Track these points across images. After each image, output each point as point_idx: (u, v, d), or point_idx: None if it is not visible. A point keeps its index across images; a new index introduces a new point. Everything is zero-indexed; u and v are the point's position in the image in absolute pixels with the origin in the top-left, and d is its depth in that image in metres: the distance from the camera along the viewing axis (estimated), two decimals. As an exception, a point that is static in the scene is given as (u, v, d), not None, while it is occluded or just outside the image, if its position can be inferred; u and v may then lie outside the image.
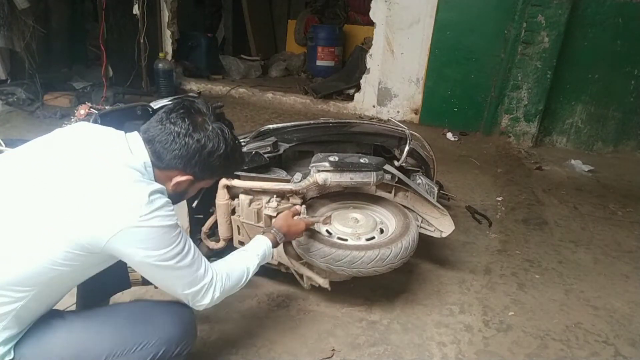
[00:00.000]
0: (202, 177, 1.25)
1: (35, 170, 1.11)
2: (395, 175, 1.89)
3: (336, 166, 1.76)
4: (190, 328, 1.33)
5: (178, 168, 1.19)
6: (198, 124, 1.18)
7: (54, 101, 4.48)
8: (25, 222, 1.06)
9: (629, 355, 1.81)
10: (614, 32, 3.94)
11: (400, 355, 1.74)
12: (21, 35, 4.44)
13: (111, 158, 1.13)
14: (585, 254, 2.52)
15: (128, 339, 1.19)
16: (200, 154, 1.18)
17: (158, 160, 1.18)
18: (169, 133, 1.16)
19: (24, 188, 1.09)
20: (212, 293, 1.25)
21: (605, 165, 3.91)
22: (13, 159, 1.16)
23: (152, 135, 1.17)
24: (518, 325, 1.93)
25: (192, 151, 1.17)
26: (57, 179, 1.08)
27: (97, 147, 1.15)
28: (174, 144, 1.16)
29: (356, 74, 5.32)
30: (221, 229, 1.93)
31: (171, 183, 1.21)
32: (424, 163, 2.28)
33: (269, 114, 5.08)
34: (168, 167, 1.19)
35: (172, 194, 1.24)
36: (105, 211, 1.05)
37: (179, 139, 1.15)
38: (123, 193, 1.08)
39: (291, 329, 1.84)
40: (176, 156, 1.17)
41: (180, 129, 1.15)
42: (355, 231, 1.87)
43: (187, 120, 1.17)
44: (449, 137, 4.40)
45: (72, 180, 1.08)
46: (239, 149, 1.30)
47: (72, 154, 1.13)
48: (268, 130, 2.13)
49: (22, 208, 1.07)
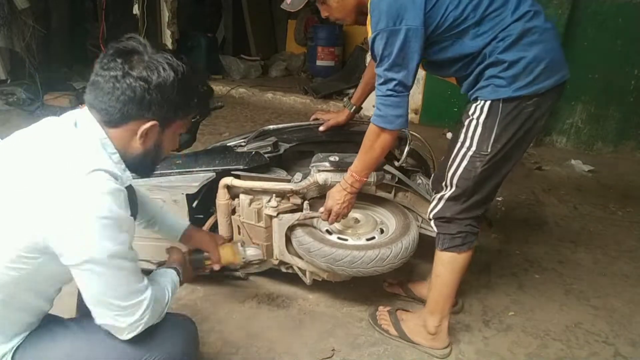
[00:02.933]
0: (167, 118, 1.10)
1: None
2: (395, 175, 1.89)
3: (336, 166, 1.77)
4: (194, 343, 1.31)
5: (134, 116, 1.05)
6: (134, 60, 1.04)
7: (54, 101, 4.48)
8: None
9: (629, 355, 1.81)
10: (614, 32, 3.93)
11: (400, 356, 1.74)
12: (21, 35, 4.44)
13: (53, 143, 1.03)
14: (585, 254, 2.52)
15: (131, 353, 1.13)
16: (148, 91, 1.03)
17: (109, 117, 1.05)
18: (107, 81, 1.02)
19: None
20: (143, 313, 1.09)
21: (605, 165, 3.90)
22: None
23: (92, 95, 1.05)
24: (518, 325, 1.93)
25: (139, 90, 1.02)
26: (5, 179, 1.02)
27: (44, 136, 1.07)
28: (116, 91, 1.02)
29: (356, 74, 5.31)
30: (221, 229, 1.93)
31: (137, 137, 1.08)
32: (424, 163, 2.28)
33: (269, 114, 5.08)
34: (123, 120, 1.05)
35: (146, 153, 1.12)
36: (41, 201, 0.96)
37: (119, 83, 1.01)
38: (57, 179, 0.97)
39: (291, 329, 1.84)
40: (124, 102, 1.03)
41: (117, 72, 1.02)
42: (355, 231, 1.87)
43: (120, 60, 1.02)
44: (449, 137, 4.39)
45: (16, 178, 1.01)
46: (194, 73, 1.13)
47: (21, 150, 1.06)
48: (268, 130, 2.13)
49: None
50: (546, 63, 1.38)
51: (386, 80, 1.43)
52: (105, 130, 1.07)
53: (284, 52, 6.97)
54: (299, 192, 1.83)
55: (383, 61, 1.41)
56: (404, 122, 1.48)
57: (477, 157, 1.48)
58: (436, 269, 1.67)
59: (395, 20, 1.34)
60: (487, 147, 1.46)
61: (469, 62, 1.46)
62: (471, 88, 1.50)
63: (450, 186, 1.56)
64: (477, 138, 1.47)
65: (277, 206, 1.83)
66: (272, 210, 1.82)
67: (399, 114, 1.46)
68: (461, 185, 1.53)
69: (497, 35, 1.38)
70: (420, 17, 1.35)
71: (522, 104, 1.41)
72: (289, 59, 6.63)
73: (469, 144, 1.49)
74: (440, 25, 1.39)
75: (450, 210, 1.58)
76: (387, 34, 1.36)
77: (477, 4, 1.37)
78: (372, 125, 1.51)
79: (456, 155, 1.53)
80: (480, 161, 1.48)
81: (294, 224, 1.81)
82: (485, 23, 1.38)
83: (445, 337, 1.73)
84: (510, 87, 1.39)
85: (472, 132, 1.48)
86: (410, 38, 1.36)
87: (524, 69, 1.37)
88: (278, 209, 1.83)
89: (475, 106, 1.47)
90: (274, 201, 1.83)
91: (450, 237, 1.60)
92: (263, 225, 1.86)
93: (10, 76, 4.60)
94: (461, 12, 1.37)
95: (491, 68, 1.41)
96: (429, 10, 1.36)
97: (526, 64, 1.37)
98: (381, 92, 1.46)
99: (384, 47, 1.38)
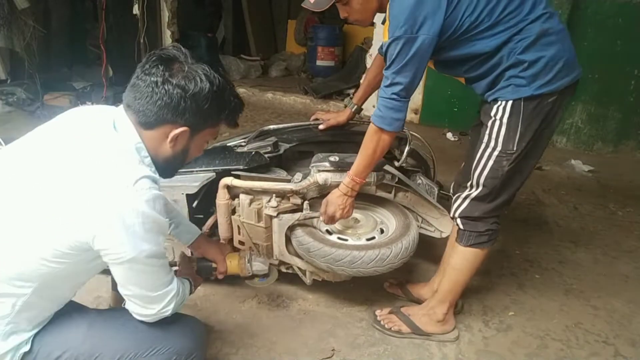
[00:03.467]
0: (197, 125, 1.16)
1: (28, 165, 1.09)
2: (395, 176, 1.89)
3: (337, 166, 1.76)
4: (202, 341, 1.35)
5: (168, 121, 1.11)
6: (174, 69, 1.10)
7: (54, 101, 4.48)
8: (17, 219, 1.05)
9: (629, 355, 1.81)
10: (614, 32, 3.94)
11: (400, 355, 1.74)
12: (21, 35, 4.43)
13: (95, 147, 1.08)
14: (585, 254, 2.52)
15: (142, 343, 1.20)
16: (184, 99, 1.09)
17: (145, 119, 1.11)
18: (147, 85, 1.08)
19: (17, 185, 1.07)
20: (169, 301, 1.20)
21: (605, 165, 3.91)
22: (9, 153, 1.15)
23: (131, 96, 1.11)
24: (518, 325, 1.93)
25: (176, 97, 1.09)
26: (46, 176, 1.06)
27: (83, 135, 1.11)
28: (154, 95, 1.08)
29: (356, 74, 5.31)
30: (221, 229, 1.93)
31: (168, 140, 1.14)
32: (424, 163, 2.28)
33: (269, 114, 5.08)
34: (158, 123, 1.11)
35: (174, 156, 1.19)
36: (88, 207, 1.02)
37: (158, 88, 1.08)
38: (104, 188, 1.03)
39: (291, 329, 1.84)
40: (161, 107, 1.09)
41: (157, 78, 1.08)
42: (355, 231, 1.87)
43: (162, 67, 1.09)
44: (449, 137, 4.41)
45: (58, 177, 1.05)
46: (228, 87, 1.19)
47: (60, 147, 1.10)
48: (268, 130, 2.13)
49: (15, 205, 1.06)
50: (564, 62, 1.44)
51: (392, 82, 1.47)
52: (139, 132, 1.13)
53: (284, 52, 6.97)
54: (299, 192, 1.83)
55: (394, 64, 1.45)
56: (400, 126, 1.54)
57: (504, 156, 1.53)
58: (456, 263, 1.73)
59: (413, 28, 1.38)
60: (513, 145, 1.51)
61: (481, 62, 1.50)
62: (489, 89, 1.54)
63: (477, 186, 1.60)
64: (502, 138, 1.51)
65: (277, 206, 1.83)
66: (272, 210, 1.82)
67: (397, 117, 1.52)
68: (488, 185, 1.58)
69: (513, 37, 1.42)
70: (438, 27, 1.39)
71: (543, 102, 1.46)
72: (289, 59, 6.63)
73: (494, 144, 1.53)
74: (456, 30, 1.43)
75: (479, 209, 1.63)
76: (404, 41, 1.40)
77: (493, 9, 1.40)
78: (372, 124, 1.56)
79: (481, 156, 1.57)
80: (507, 160, 1.53)
81: (294, 224, 1.81)
82: (500, 25, 1.42)
83: (452, 320, 1.85)
84: (531, 87, 1.44)
85: (497, 133, 1.52)
86: (424, 47, 1.40)
87: (543, 68, 1.42)
88: (278, 209, 1.83)
89: (497, 107, 1.51)
90: (274, 201, 1.83)
91: (477, 234, 1.65)
92: (263, 225, 1.86)
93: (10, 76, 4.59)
94: (476, 17, 1.41)
95: (511, 69, 1.45)
96: (447, 18, 1.39)
97: (545, 63, 1.42)
98: (385, 94, 1.50)
99: (399, 52, 1.42)
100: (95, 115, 1.16)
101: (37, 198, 1.04)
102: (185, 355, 1.25)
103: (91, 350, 1.17)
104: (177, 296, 1.22)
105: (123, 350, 1.18)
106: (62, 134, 1.13)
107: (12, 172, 1.10)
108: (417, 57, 1.42)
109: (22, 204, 1.05)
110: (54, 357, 1.15)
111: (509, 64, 1.45)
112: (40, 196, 1.04)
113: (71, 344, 1.17)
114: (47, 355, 1.15)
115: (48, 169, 1.06)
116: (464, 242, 1.68)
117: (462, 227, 1.67)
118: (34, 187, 1.05)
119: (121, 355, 1.18)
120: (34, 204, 1.04)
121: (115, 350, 1.18)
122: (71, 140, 1.10)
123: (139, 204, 1.03)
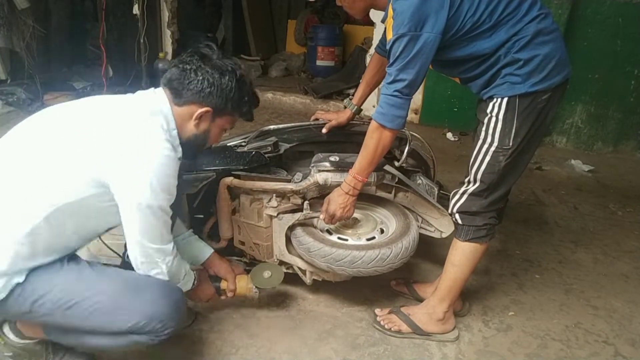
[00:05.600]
0: (220, 109, 1.38)
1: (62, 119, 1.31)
2: (395, 176, 1.89)
3: (337, 166, 1.77)
4: (177, 310, 1.38)
5: (195, 101, 1.35)
6: (206, 59, 1.36)
7: (54, 101, 4.48)
8: (51, 153, 1.24)
9: (629, 355, 1.81)
10: (614, 32, 3.94)
11: (400, 355, 1.74)
12: (21, 35, 4.43)
13: (134, 111, 1.31)
14: (585, 254, 2.52)
15: (116, 300, 1.30)
16: (212, 83, 1.33)
17: (177, 98, 1.35)
18: (182, 70, 1.34)
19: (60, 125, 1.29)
20: (162, 260, 1.36)
21: (605, 165, 3.91)
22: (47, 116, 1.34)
23: (169, 77, 1.36)
24: (518, 325, 1.93)
25: (206, 82, 1.33)
26: (88, 118, 1.29)
27: (124, 102, 1.36)
28: (187, 79, 1.33)
29: (356, 74, 5.31)
30: (222, 229, 1.93)
31: (192, 119, 1.36)
32: (424, 163, 2.28)
33: (269, 114, 5.08)
34: (186, 102, 1.35)
35: (196, 135, 1.40)
36: (120, 148, 1.22)
37: (192, 74, 1.33)
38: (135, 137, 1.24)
39: (291, 329, 1.84)
40: (191, 89, 1.33)
41: (192, 66, 1.33)
42: (355, 231, 1.87)
43: (196, 56, 1.35)
44: (449, 137, 4.41)
45: (97, 120, 1.28)
46: (249, 81, 1.43)
47: (106, 105, 1.35)
48: (268, 130, 2.13)
49: (59, 137, 1.26)
50: (556, 60, 1.48)
51: (395, 79, 1.48)
52: (172, 107, 1.35)
53: (284, 52, 6.97)
54: (299, 192, 1.83)
55: (397, 61, 1.46)
56: (402, 123, 1.55)
57: (500, 151, 1.56)
58: (454, 259, 1.74)
59: (417, 26, 1.39)
60: (509, 141, 1.54)
61: (479, 63, 1.53)
62: (484, 87, 1.57)
63: (475, 181, 1.64)
64: (498, 134, 1.55)
65: (277, 206, 1.83)
66: (272, 210, 1.82)
67: (399, 115, 1.53)
68: (486, 180, 1.61)
69: (511, 38, 1.45)
70: (441, 26, 1.41)
71: (537, 99, 1.50)
72: (289, 59, 6.63)
73: (491, 140, 1.57)
74: (458, 31, 1.45)
75: (476, 204, 1.66)
76: (408, 38, 1.41)
77: (493, 10, 1.44)
78: (373, 122, 1.57)
79: (479, 151, 1.61)
80: (503, 155, 1.56)
81: (294, 224, 1.81)
82: (499, 26, 1.45)
83: (453, 320, 1.84)
84: (525, 84, 1.48)
85: (493, 129, 1.56)
86: (427, 45, 1.42)
87: (537, 66, 1.46)
88: (278, 209, 1.83)
89: (493, 104, 1.54)
90: (274, 201, 1.83)
91: (476, 228, 1.68)
92: (263, 225, 1.86)
93: (10, 76, 4.58)
94: (478, 18, 1.44)
95: (507, 67, 1.49)
96: (450, 18, 1.41)
97: (540, 61, 1.46)
98: (388, 91, 1.51)
99: (403, 49, 1.43)
100: (141, 94, 1.39)
101: (76, 135, 1.25)
102: (158, 320, 1.31)
103: (70, 296, 1.27)
104: (172, 259, 1.38)
105: (99, 303, 1.29)
106: (109, 99, 1.38)
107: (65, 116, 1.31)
108: (420, 55, 1.43)
109: (64, 141, 1.25)
110: (37, 295, 1.26)
111: (505, 62, 1.48)
112: (78, 135, 1.25)
113: (55, 287, 1.27)
114: (32, 292, 1.26)
115: (93, 114, 1.31)
116: (462, 236, 1.70)
117: (461, 221, 1.69)
118: (75, 127, 1.27)
119: (96, 308, 1.28)
120: (74, 139, 1.25)
121: (92, 301, 1.28)
122: (114, 102, 1.36)
123: (158, 157, 1.24)
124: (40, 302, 1.26)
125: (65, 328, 1.34)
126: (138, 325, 1.29)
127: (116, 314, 1.29)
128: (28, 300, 1.26)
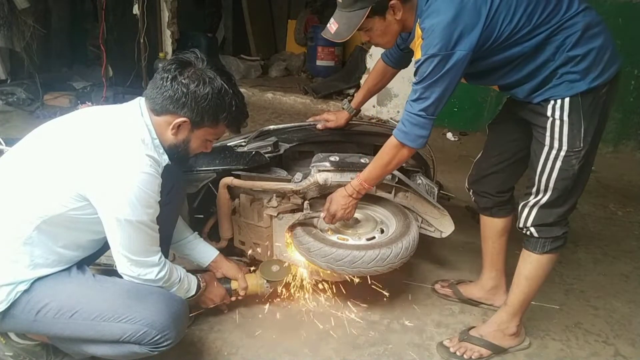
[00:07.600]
0: (196, 121, 1.36)
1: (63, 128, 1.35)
2: (395, 176, 1.89)
3: (337, 166, 1.77)
4: (177, 322, 1.38)
5: (170, 110, 1.33)
6: (185, 70, 1.32)
7: (54, 101, 4.48)
8: (46, 166, 1.28)
9: (629, 355, 1.81)
10: (614, 32, 3.91)
11: (400, 355, 1.74)
12: (21, 35, 4.43)
13: (116, 124, 1.32)
14: (585, 254, 2.52)
15: (118, 309, 1.32)
16: (186, 95, 1.31)
17: (154, 106, 1.34)
18: (160, 79, 1.33)
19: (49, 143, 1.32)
20: (150, 271, 1.39)
21: (605, 165, 3.90)
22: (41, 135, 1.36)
23: (150, 87, 1.36)
24: (518, 325, 1.93)
25: (179, 92, 1.31)
26: (73, 133, 1.32)
27: (109, 114, 1.37)
28: (163, 88, 1.32)
29: (356, 74, 5.31)
30: (222, 229, 1.93)
31: (170, 127, 1.35)
32: (423, 163, 2.28)
33: (269, 114, 5.08)
34: (162, 111, 1.34)
35: (177, 145, 1.39)
36: (100, 164, 1.25)
37: (167, 83, 1.31)
38: (118, 152, 1.27)
39: (291, 329, 1.84)
40: (165, 98, 1.32)
41: (169, 74, 1.31)
42: (355, 231, 1.87)
43: (174, 65, 1.32)
44: (449, 137, 4.41)
45: (82, 134, 1.30)
46: (231, 92, 1.37)
47: (92, 118, 1.36)
48: (268, 130, 2.13)
49: (47, 156, 1.30)
50: (610, 51, 1.43)
51: (421, 97, 1.44)
52: (151, 117, 1.36)
53: (284, 52, 6.96)
54: (299, 192, 1.83)
55: (425, 80, 1.41)
56: (424, 143, 1.52)
57: (572, 154, 1.49)
58: (529, 273, 1.66)
59: (448, 45, 1.34)
60: (580, 142, 1.47)
61: (519, 65, 1.46)
62: (536, 91, 1.49)
63: (546, 190, 1.56)
64: (566, 136, 1.48)
65: (277, 206, 1.83)
66: (272, 210, 1.82)
67: (422, 135, 1.49)
68: (560, 187, 1.54)
69: (553, 35, 1.39)
70: (474, 41, 1.36)
71: (598, 93, 1.44)
72: (289, 59, 6.62)
73: (559, 145, 1.49)
74: (495, 40, 1.40)
75: (552, 214, 1.58)
76: (440, 58, 1.36)
77: (532, 13, 1.38)
78: (393, 138, 1.52)
79: (546, 159, 1.52)
80: (576, 158, 1.49)
81: (294, 224, 1.81)
82: (540, 27, 1.39)
83: (523, 330, 1.80)
84: (585, 80, 1.41)
85: (559, 132, 1.48)
86: (459, 62, 1.37)
87: (594, 60, 1.40)
88: (278, 209, 1.83)
89: (552, 106, 1.47)
90: (274, 201, 1.83)
91: (553, 239, 1.61)
92: (263, 225, 1.86)
93: (10, 76, 4.59)
94: (516, 23, 1.38)
95: (563, 67, 1.42)
96: (485, 29, 1.36)
97: (596, 54, 1.41)
98: (413, 109, 1.46)
99: (432, 69, 1.38)
100: (131, 102, 1.40)
101: (62, 150, 1.28)
102: (157, 330, 1.32)
103: (73, 305, 1.31)
104: (159, 270, 1.39)
105: (99, 312, 1.31)
106: (96, 112, 1.40)
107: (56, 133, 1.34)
108: (450, 73, 1.38)
109: (51, 156, 1.29)
110: (42, 304, 1.30)
111: (560, 63, 1.42)
112: (64, 149, 1.28)
113: (59, 296, 1.32)
114: (38, 300, 1.30)
115: (77, 129, 1.33)
116: (539, 249, 1.63)
117: (537, 234, 1.61)
118: (62, 142, 1.30)
119: (97, 316, 1.31)
120: (60, 154, 1.28)
121: (93, 309, 1.31)
122: (100, 115, 1.37)
123: (138, 174, 1.25)
124: (44, 310, 1.30)
125: (68, 336, 1.36)
126: (137, 335, 1.31)
127: (115, 323, 1.31)
128: (34, 309, 1.30)
